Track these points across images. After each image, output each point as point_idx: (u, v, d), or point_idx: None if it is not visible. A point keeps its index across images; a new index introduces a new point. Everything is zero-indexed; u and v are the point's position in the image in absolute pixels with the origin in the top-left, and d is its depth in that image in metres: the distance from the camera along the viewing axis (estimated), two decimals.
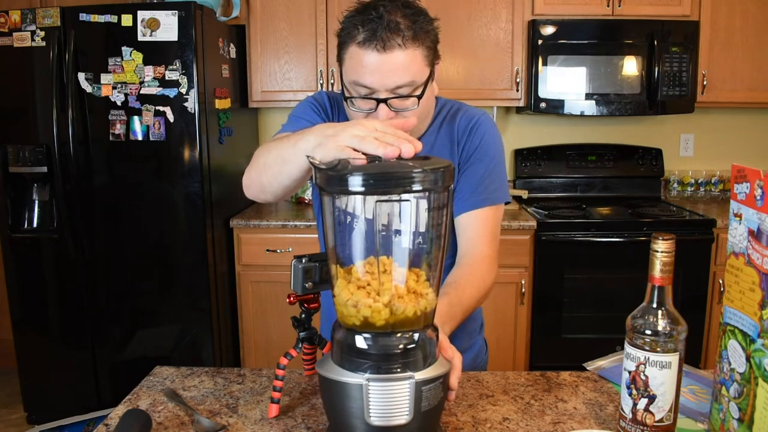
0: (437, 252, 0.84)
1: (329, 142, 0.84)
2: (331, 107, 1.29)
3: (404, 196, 0.77)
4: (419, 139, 1.23)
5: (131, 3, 2.50)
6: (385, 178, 0.74)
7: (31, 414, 2.76)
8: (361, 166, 0.77)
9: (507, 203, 1.28)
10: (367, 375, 0.79)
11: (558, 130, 3.36)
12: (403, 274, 0.82)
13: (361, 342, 0.81)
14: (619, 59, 2.91)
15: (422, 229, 0.81)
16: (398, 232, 0.81)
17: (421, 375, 0.81)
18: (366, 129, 0.82)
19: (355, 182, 0.73)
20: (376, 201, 0.76)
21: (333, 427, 0.87)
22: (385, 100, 1.09)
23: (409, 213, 0.80)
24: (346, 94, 1.14)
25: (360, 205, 0.79)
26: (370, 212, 0.80)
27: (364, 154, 0.80)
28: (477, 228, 1.22)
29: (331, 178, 0.76)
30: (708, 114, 3.29)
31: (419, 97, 1.11)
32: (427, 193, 0.77)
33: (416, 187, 0.74)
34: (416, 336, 0.82)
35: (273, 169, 1.04)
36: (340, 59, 1.14)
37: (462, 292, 1.11)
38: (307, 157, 0.85)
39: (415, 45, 1.08)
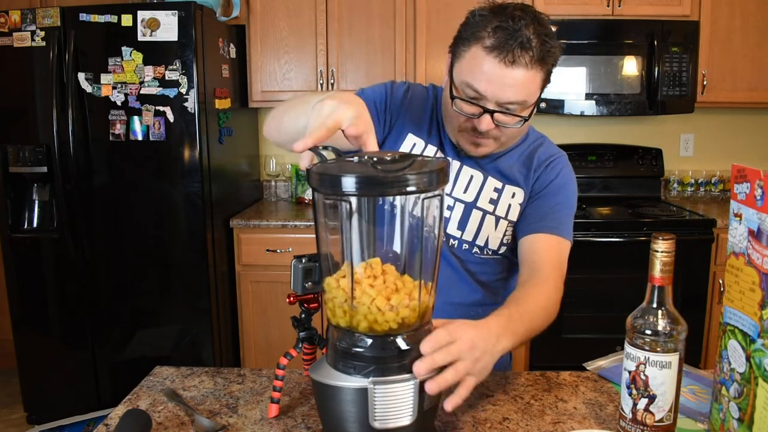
0: (433, 252, 0.84)
1: (321, 115, 0.84)
2: (401, 101, 1.25)
3: (398, 197, 0.76)
4: (502, 155, 1.24)
5: (131, 3, 2.50)
6: (379, 180, 0.74)
7: (31, 414, 2.76)
8: (354, 167, 0.76)
9: (571, 243, 1.23)
10: (371, 378, 0.79)
11: (558, 130, 3.36)
12: (401, 275, 0.82)
13: (359, 345, 0.80)
14: (619, 59, 2.91)
15: (417, 229, 0.81)
16: (393, 232, 0.81)
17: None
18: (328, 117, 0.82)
19: (349, 184, 0.73)
20: (372, 202, 0.76)
21: (328, 431, 0.87)
22: (492, 112, 1.07)
23: (404, 214, 0.79)
24: (454, 93, 1.11)
25: (355, 207, 0.79)
26: (366, 213, 0.79)
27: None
28: (542, 252, 1.18)
29: (324, 180, 0.76)
30: (708, 114, 3.29)
31: (525, 119, 1.10)
32: (421, 194, 0.77)
33: (410, 188, 0.74)
34: (416, 336, 0.82)
35: (292, 120, 1.02)
36: (455, 53, 1.11)
37: (523, 307, 1.02)
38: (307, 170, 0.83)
39: (540, 67, 1.05)
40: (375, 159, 0.76)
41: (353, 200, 0.77)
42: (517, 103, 1.07)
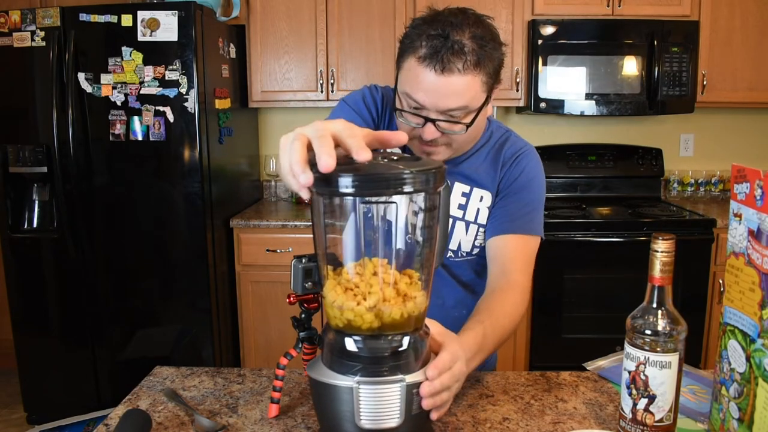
0: (428, 254, 0.83)
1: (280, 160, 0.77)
2: (383, 105, 1.25)
3: (394, 197, 0.76)
4: (467, 158, 1.23)
5: (131, 3, 2.50)
6: (376, 180, 0.73)
7: (31, 414, 2.76)
8: (351, 167, 0.76)
9: (542, 239, 1.24)
10: (357, 378, 0.79)
11: (558, 130, 3.36)
12: (393, 276, 0.82)
13: (350, 344, 0.80)
14: (619, 59, 2.91)
15: (413, 230, 0.81)
16: (389, 233, 0.81)
17: (412, 378, 0.80)
18: (289, 151, 0.73)
19: (345, 183, 0.73)
20: (366, 202, 0.76)
21: (324, 430, 0.87)
22: (433, 121, 1.07)
23: (399, 215, 0.79)
24: (397, 104, 1.12)
25: (350, 207, 0.78)
26: (360, 213, 0.79)
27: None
28: (510, 254, 1.19)
29: (320, 179, 0.75)
30: (708, 114, 3.29)
31: (468, 125, 1.09)
32: (417, 195, 0.77)
33: (407, 188, 0.74)
34: (406, 338, 0.81)
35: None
36: (398, 65, 1.11)
37: (497, 322, 1.07)
38: None
39: (476, 71, 1.04)
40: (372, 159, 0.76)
41: (348, 200, 0.77)
42: (458, 109, 1.06)
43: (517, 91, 2.97)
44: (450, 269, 1.28)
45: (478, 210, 1.24)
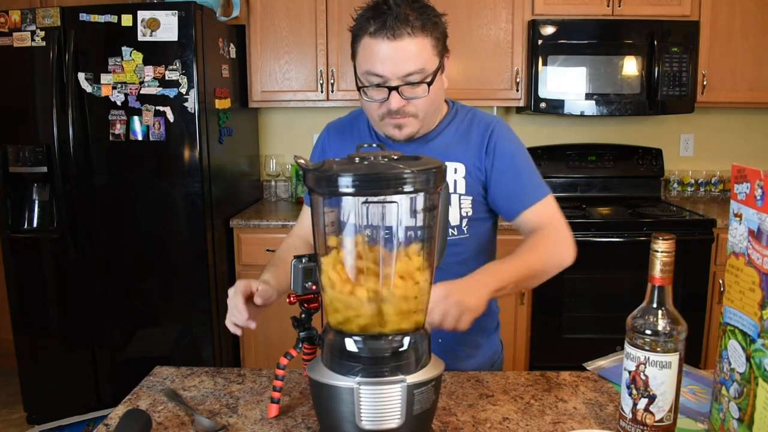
0: (428, 253, 0.83)
1: None
2: (328, 139, 1.41)
3: (394, 197, 0.76)
4: (435, 137, 1.29)
5: (131, 3, 2.50)
6: (376, 179, 0.73)
7: (31, 414, 2.76)
8: (350, 167, 0.75)
9: (550, 192, 1.30)
10: (357, 378, 0.79)
11: (558, 130, 3.36)
12: (393, 275, 0.82)
13: (350, 344, 0.80)
14: (619, 59, 2.91)
15: (413, 230, 0.81)
16: (389, 232, 0.81)
17: (412, 378, 0.80)
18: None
19: (345, 183, 0.73)
20: (364, 202, 0.76)
21: (324, 430, 0.87)
22: (396, 88, 1.15)
23: (399, 214, 0.79)
24: (359, 85, 1.21)
25: (350, 206, 0.78)
26: (360, 213, 0.79)
27: None
28: (534, 221, 1.26)
29: (320, 179, 0.75)
30: (708, 114, 3.29)
31: (429, 84, 1.16)
32: (417, 194, 0.77)
33: (407, 188, 0.74)
34: (407, 339, 0.81)
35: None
36: (353, 53, 1.23)
37: (511, 257, 1.15)
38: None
39: (424, 34, 1.14)
40: (369, 159, 0.76)
41: (349, 200, 0.77)
42: (416, 72, 1.15)
43: (517, 91, 2.97)
44: None
45: (455, 181, 1.28)
